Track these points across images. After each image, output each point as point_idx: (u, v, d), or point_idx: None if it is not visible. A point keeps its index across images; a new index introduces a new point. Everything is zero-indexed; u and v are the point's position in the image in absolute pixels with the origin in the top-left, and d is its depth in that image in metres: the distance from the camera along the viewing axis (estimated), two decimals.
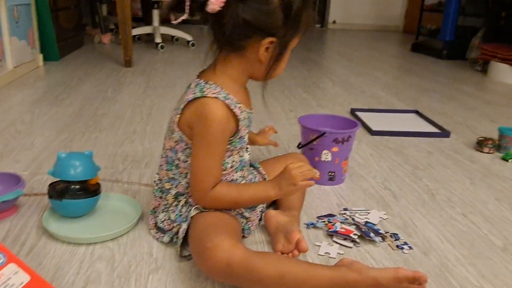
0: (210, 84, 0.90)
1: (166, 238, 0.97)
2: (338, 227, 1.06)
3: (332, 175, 1.31)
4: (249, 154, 1.02)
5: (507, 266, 0.98)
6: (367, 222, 1.10)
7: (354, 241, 1.02)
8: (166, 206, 0.98)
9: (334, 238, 1.03)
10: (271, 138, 1.27)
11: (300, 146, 1.34)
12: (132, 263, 0.91)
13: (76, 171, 1.01)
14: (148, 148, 1.54)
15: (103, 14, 4.25)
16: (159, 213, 0.99)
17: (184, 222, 0.93)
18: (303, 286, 0.79)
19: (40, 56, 2.82)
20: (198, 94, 0.89)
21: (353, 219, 1.11)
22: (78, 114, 1.88)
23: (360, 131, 1.81)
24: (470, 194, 1.32)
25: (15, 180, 1.10)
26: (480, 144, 1.67)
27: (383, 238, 1.04)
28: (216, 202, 0.93)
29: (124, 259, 0.92)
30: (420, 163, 1.54)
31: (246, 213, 1.00)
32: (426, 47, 4.11)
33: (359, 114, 2.05)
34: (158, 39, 3.72)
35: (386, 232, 1.07)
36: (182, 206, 0.97)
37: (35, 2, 2.73)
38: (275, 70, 0.91)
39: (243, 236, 1.01)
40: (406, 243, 1.03)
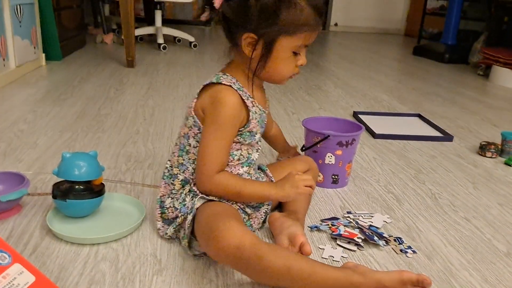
0: (227, 75, 0.95)
1: (170, 230, 0.97)
2: (342, 230, 1.06)
3: (336, 178, 1.31)
4: (258, 155, 1.03)
5: (510, 271, 0.97)
6: (370, 226, 1.10)
7: (358, 244, 1.02)
8: (172, 193, 0.99)
9: (338, 241, 1.03)
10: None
11: (304, 148, 1.34)
12: (136, 264, 0.91)
13: (80, 171, 1.01)
14: (151, 149, 1.54)
15: (106, 14, 4.26)
16: (165, 198, 1.00)
17: (190, 213, 0.93)
18: (307, 282, 0.79)
19: (43, 55, 2.82)
20: (214, 80, 0.94)
21: (356, 223, 1.11)
22: (81, 114, 1.88)
23: (363, 134, 1.81)
24: (473, 198, 1.32)
25: (19, 179, 1.10)
26: (483, 149, 1.67)
27: (387, 241, 1.04)
28: (219, 188, 0.94)
29: (128, 260, 0.92)
30: (423, 167, 1.54)
31: (248, 209, 1.01)
32: (428, 51, 4.12)
33: (362, 117, 2.05)
34: (160, 40, 3.72)
35: (390, 236, 1.07)
36: (186, 194, 0.97)
37: (38, 1, 2.73)
38: (266, 68, 0.93)
39: None
40: (410, 247, 1.03)
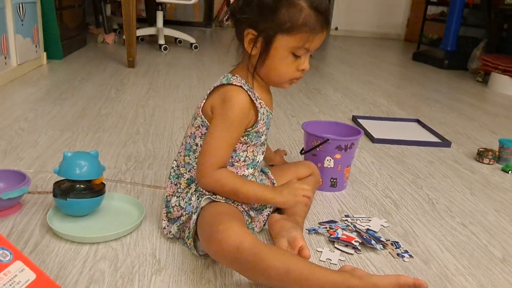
0: (237, 77, 0.96)
1: (174, 228, 0.98)
2: (340, 233, 1.07)
3: (334, 181, 1.32)
4: (263, 157, 1.05)
5: (506, 277, 0.98)
6: (368, 229, 1.10)
7: (355, 248, 1.03)
8: (178, 192, 1.00)
9: (336, 245, 1.04)
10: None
11: (303, 152, 1.35)
12: (135, 263, 0.92)
13: (81, 171, 1.02)
14: (151, 149, 1.55)
15: (107, 14, 4.27)
16: (171, 197, 1.01)
17: (195, 213, 0.94)
18: (306, 284, 0.80)
19: (44, 54, 2.83)
20: (225, 82, 0.95)
21: (354, 226, 1.12)
22: (82, 114, 1.89)
23: (361, 138, 1.81)
24: (470, 204, 1.33)
25: (20, 177, 1.11)
26: (481, 155, 1.69)
27: (384, 245, 1.05)
28: (217, 184, 0.94)
29: (127, 260, 0.93)
30: (421, 172, 1.55)
31: (252, 212, 1.01)
32: (427, 56, 4.14)
33: (361, 121, 2.06)
34: (162, 41, 3.73)
35: (387, 240, 1.08)
36: (192, 194, 0.98)
37: (41, 0, 2.74)
38: (265, 67, 0.95)
39: None
40: (406, 251, 1.04)
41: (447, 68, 3.85)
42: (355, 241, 1.04)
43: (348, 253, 1.02)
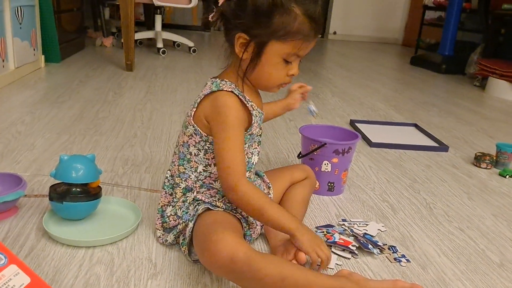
0: (226, 81, 0.95)
1: (171, 237, 0.98)
2: (337, 238, 1.07)
3: (332, 185, 1.31)
4: (257, 158, 1.04)
5: (503, 282, 0.98)
6: (365, 234, 1.10)
7: (352, 252, 1.03)
8: (174, 201, 0.99)
9: (333, 249, 1.04)
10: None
11: (300, 156, 1.35)
12: (131, 267, 0.92)
13: (78, 174, 1.01)
14: (148, 153, 1.54)
15: (105, 17, 4.27)
16: (166, 207, 1.00)
17: (191, 221, 0.94)
18: None
19: (42, 57, 2.82)
20: (215, 89, 0.93)
21: (351, 230, 1.11)
22: (79, 117, 1.89)
23: (359, 142, 1.82)
24: (467, 209, 1.33)
25: (16, 180, 1.10)
26: (478, 160, 1.69)
27: (381, 250, 1.05)
28: (244, 197, 0.90)
29: (123, 264, 0.93)
30: (418, 176, 1.55)
31: (251, 218, 1.00)
32: (425, 61, 4.15)
33: (358, 125, 2.06)
34: (160, 44, 3.73)
35: (384, 245, 1.08)
36: (189, 203, 0.97)
37: (39, 3, 2.74)
38: (255, 72, 0.93)
39: None
40: (403, 256, 1.04)
41: (445, 72, 3.86)
42: (352, 245, 1.04)
43: (345, 257, 1.01)
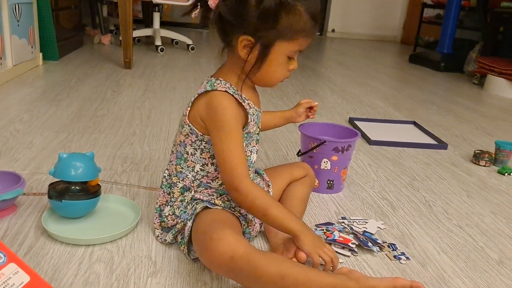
0: (221, 81, 0.94)
1: (169, 236, 0.98)
2: (337, 235, 1.06)
3: (331, 183, 1.31)
4: (256, 157, 1.03)
5: (502, 279, 0.98)
6: (365, 232, 1.10)
7: (352, 250, 1.03)
8: (172, 201, 0.99)
9: (332, 247, 1.04)
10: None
11: (299, 154, 1.35)
12: (130, 266, 0.91)
13: (77, 172, 1.01)
14: (147, 151, 1.54)
15: (103, 15, 4.26)
16: (164, 207, 1.00)
17: (190, 220, 0.93)
18: None
19: (40, 55, 2.82)
20: (209, 88, 0.92)
21: (351, 228, 1.11)
22: (77, 115, 1.88)
23: (358, 140, 1.81)
24: (466, 206, 1.33)
25: (15, 179, 1.10)
26: (477, 157, 1.69)
27: (381, 248, 1.05)
28: (249, 197, 0.90)
29: (123, 262, 0.92)
30: (418, 174, 1.55)
31: (250, 215, 1.00)
32: (423, 59, 4.15)
33: (358, 123, 2.06)
34: (158, 42, 3.73)
35: (384, 242, 1.08)
36: (187, 203, 0.97)
37: (37, 1, 2.73)
38: (260, 72, 0.92)
39: None
40: (403, 254, 1.04)
41: (444, 70, 3.86)
42: (351, 243, 1.04)
43: (345, 255, 1.01)
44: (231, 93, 0.92)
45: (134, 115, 1.94)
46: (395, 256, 1.02)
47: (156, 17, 3.84)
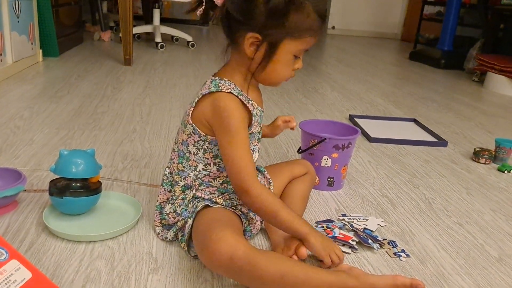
0: (225, 81, 0.93)
1: (170, 234, 0.98)
2: (337, 233, 1.07)
3: (331, 180, 1.32)
4: (258, 155, 1.03)
5: (502, 276, 0.99)
6: (365, 229, 1.11)
7: (352, 247, 1.03)
8: (173, 199, 0.99)
9: None
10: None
11: (300, 151, 1.35)
12: (131, 262, 0.92)
13: (77, 169, 1.01)
14: (147, 148, 1.54)
15: (103, 11, 4.25)
16: (165, 204, 1.00)
17: (190, 217, 0.94)
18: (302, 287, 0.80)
19: (40, 51, 2.81)
20: (213, 89, 0.92)
21: (351, 225, 1.12)
22: (78, 111, 1.88)
23: (358, 138, 1.82)
24: (466, 204, 1.34)
25: (16, 175, 1.10)
26: (477, 155, 1.69)
27: (381, 245, 1.05)
28: (258, 199, 0.90)
29: (124, 258, 0.93)
30: (417, 171, 1.55)
31: (251, 213, 1.00)
32: (424, 56, 4.14)
33: (358, 120, 2.06)
34: (158, 39, 3.72)
35: (384, 239, 1.08)
36: (189, 201, 0.97)
37: None
38: (266, 70, 0.92)
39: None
40: (403, 251, 1.04)
41: (444, 67, 3.86)
42: (352, 240, 1.04)
43: (345, 252, 1.02)
44: (236, 94, 0.91)
45: (135, 112, 1.94)
46: (395, 253, 1.03)
47: (156, 13, 3.84)
